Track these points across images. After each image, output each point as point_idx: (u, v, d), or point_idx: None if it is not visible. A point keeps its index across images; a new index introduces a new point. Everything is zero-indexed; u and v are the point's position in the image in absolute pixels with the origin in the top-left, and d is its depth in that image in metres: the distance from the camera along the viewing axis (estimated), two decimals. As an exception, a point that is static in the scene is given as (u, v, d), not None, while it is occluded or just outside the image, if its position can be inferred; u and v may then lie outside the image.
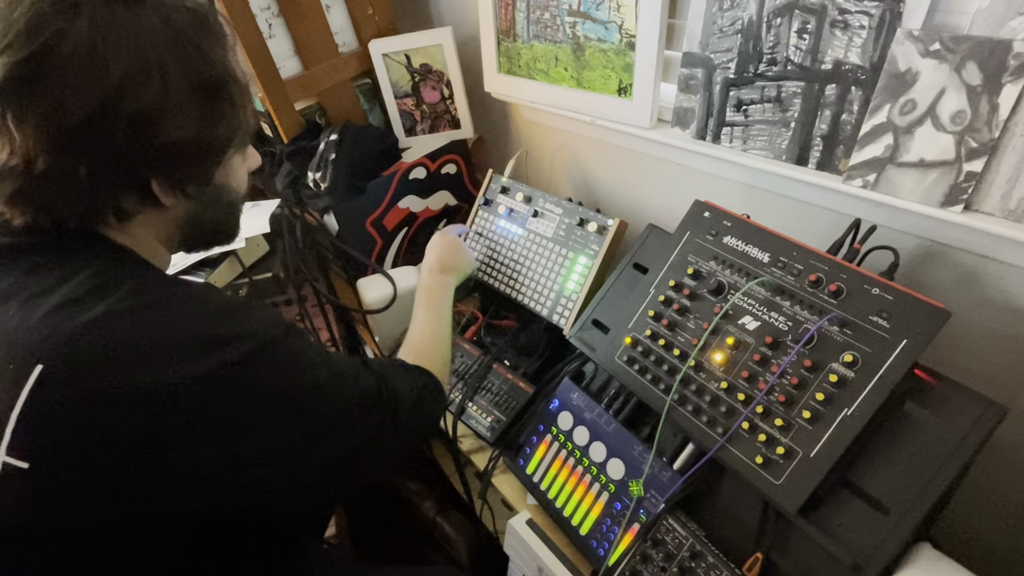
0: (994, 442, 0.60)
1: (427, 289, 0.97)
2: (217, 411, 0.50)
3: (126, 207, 0.55)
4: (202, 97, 0.53)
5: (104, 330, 0.48)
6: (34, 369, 0.46)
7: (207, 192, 0.60)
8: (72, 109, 0.46)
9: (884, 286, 0.65)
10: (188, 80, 0.51)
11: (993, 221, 0.67)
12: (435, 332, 0.89)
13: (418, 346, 0.85)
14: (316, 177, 1.19)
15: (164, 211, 0.57)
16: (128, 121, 0.48)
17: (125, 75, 0.47)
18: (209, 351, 0.50)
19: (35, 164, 0.47)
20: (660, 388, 0.78)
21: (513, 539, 0.86)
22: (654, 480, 0.78)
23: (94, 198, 0.52)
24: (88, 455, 0.48)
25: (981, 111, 0.65)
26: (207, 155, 0.56)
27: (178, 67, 0.50)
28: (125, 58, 0.47)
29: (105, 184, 0.51)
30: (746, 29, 0.81)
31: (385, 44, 1.26)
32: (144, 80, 0.48)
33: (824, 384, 0.65)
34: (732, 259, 0.77)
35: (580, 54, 1.04)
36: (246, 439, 0.52)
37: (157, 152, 0.51)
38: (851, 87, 0.75)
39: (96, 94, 0.46)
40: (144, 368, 0.47)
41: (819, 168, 0.81)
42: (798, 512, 0.63)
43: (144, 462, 0.49)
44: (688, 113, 0.93)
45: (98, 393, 0.46)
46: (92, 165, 0.49)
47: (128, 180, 0.53)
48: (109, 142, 0.48)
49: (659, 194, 1.13)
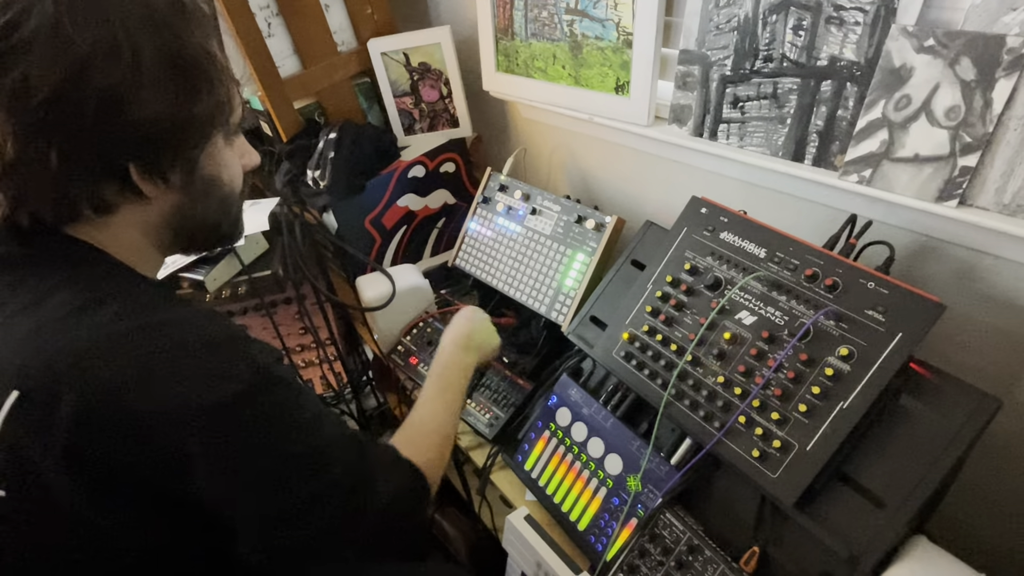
0: (989, 435, 0.60)
1: (445, 369, 0.86)
2: (189, 448, 0.49)
3: (106, 198, 0.53)
4: (175, 74, 0.51)
5: (85, 356, 0.47)
6: (10, 395, 0.45)
7: (194, 184, 0.58)
8: (37, 86, 0.45)
9: (880, 280, 0.65)
10: (160, 56, 0.49)
11: (988, 215, 0.67)
12: (441, 421, 0.78)
13: (417, 434, 0.75)
14: (315, 175, 1.19)
15: (148, 204, 0.56)
16: (97, 98, 0.47)
17: (92, 49, 0.46)
18: (194, 386, 0.48)
19: (4, 150, 0.46)
20: (657, 383, 0.78)
21: (511, 535, 0.86)
22: (652, 475, 0.78)
23: (68, 186, 0.50)
24: (63, 483, 0.47)
25: (975, 106, 0.65)
26: (187, 136, 0.54)
27: (149, 43, 0.49)
28: (92, 32, 0.46)
29: (79, 170, 0.50)
30: (742, 26, 0.82)
31: (384, 43, 1.27)
32: (112, 54, 0.47)
33: (820, 378, 0.65)
34: (729, 255, 0.77)
35: (578, 52, 1.05)
36: (214, 481, 0.51)
37: (132, 132, 0.50)
38: (846, 83, 0.75)
39: (61, 68, 0.45)
40: (122, 398, 0.46)
41: (815, 164, 0.81)
42: (794, 505, 0.64)
43: (117, 491, 0.48)
44: (685, 110, 0.93)
45: (74, 420, 0.45)
46: (63, 148, 0.48)
47: (103, 166, 0.51)
48: (78, 121, 0.47)
49: (656, 191, 1.13)
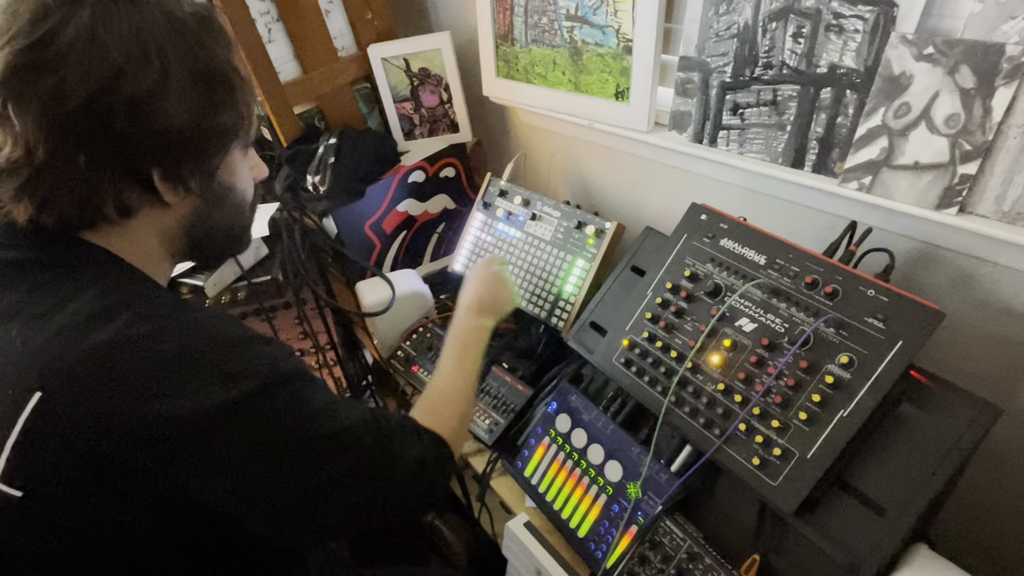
0: (989, 443, 0.60)
1: (460, 335, 0.85)
2: (211, 448, 0.49)
3: (128, 202, 0.54)
4: (202, 85, 0.53)
5: (107, 359, 0.47)
6: (32, 396, 0.46)
7: (212, 191, 0.60)
8: (72, 93, 0.47)
9: (879, 288, 0.65)
10: (188, 67, 0.52)
11: (987, 223, 0.67)
12: (460, 389, 0.79)
13: (436, 403, 0.75)
14: (315, 180, 1.19)
15: (167, 209, 0.57)
16: (127, 105, 0.49)
17: (125, 59, 0.48)
18: (211, 387, 0.49)
19: (36, 153, 0.48)
20: (657, 390, 0.78)
21: (511, 542, 0.86)
22: (652, 482, 0.78)
23: (95, 189, 0.52)
24: (81, 484, 0.47)
25: (975, 114, 0.65)
26: (208, 145, 0.56)
27: (178, 55, 0.51)
28: (126, 43, 0.48)
29: (106, 174, 0.51)
30: (742, 33, 0.82)
31: (384, 48, 1.27)
32: (144, 64, 0.49)
33: (820, 385, 0.65)
34: (729, 261, 0.78)
35: (578, 58, 1.05)
36: (239, 477, 0.52)
37: (157, 139, 0.51)
38: (846, 90, 0.75)
39: (96, 76, 0.47)
40: (144, 401, 0.47)
41: (815, 171, 0.81)
42: (795, 513, 0.64)
43: (136, 492, 0.49)
44: (685, 117, 0.93)
45: (96, 422, 0.46)
46: (91, 153, 0.49)
47: (129, 170, 0.52)
48: (108, 127, 0.49)
49: (656, 197, 1.13)
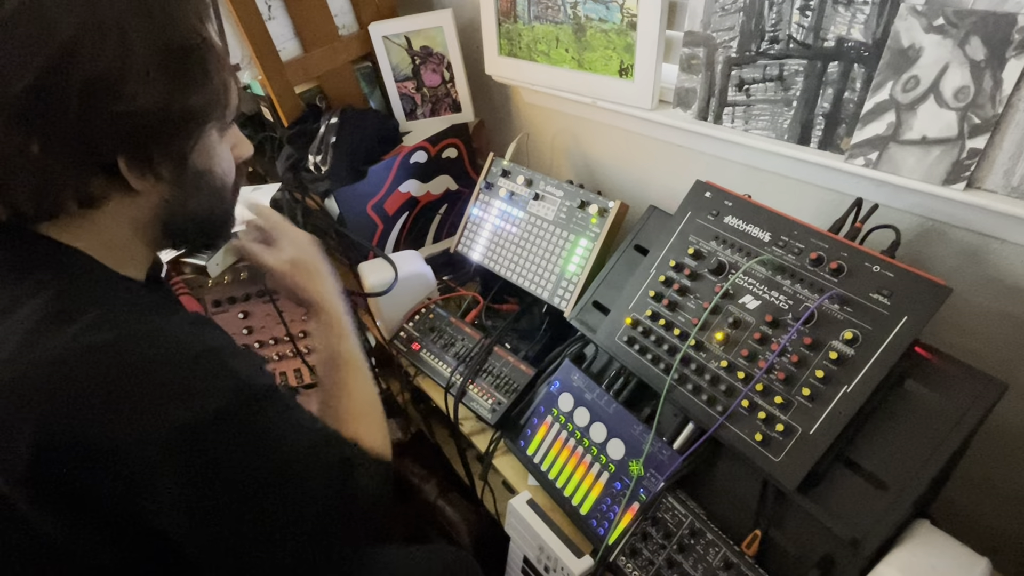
0: (994, 419, 0.60)
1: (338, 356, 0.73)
2: (166, 471, 0.46)
3: (92, 191, 0.50)
4: (169, 62, 0.48)
5: (57, 370, 0.44)
6: None
7: (186, 177, 0.55)
8: (17, 74, 0.43)
9: (885, 263, 0.65)
10: (152, 42, 0.46)
11: (996, 198, 0.67)
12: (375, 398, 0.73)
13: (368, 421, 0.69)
14: (317, 161, 1.19)
15: (137, 198, 0.53)
16: (82, 87, 0.44)
17: (76, 34, 0.43)
18: (169, 405, 0.46)
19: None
20: (660, 368, 0.78)
21: (514, 519, 0.87)
22: (654, 459, 0.78)
23: (52, 180, 0.47)
24: (25, 508, 0.45)
25: (985, 87, 0.64)
26: (178, 129, 0.51)
27: (140, 28, 0.46)
28: (76, 16, 0.43)
29: (63, 162, 0.47)
30: (748, 7, 0.81)
31: (385, 26, 1.25)
32: (99, 40, 0.44)
33: (824, 362, 0.65)
34: (733, 239, 0.77)
35: (581, 35, 1.03)
36: (193, 506, 0.48)
37: (119, 124, 0.47)
38: (853, 64, 0.74)
39: (43, 55, 0.43)
40: (95, 418, 0.44)
41: (821, 147, 0.80)
42: (797, 489, 0.64)
43: (82, 515, 0.46)
44: (690, 93, 0.92)
45: (35, 449, 0.43)
46: (45, 140, 0.45)
47: (90, 158, 0.48)
48: (62, 112, 0.44)
49: (660, 175, 1.12)
